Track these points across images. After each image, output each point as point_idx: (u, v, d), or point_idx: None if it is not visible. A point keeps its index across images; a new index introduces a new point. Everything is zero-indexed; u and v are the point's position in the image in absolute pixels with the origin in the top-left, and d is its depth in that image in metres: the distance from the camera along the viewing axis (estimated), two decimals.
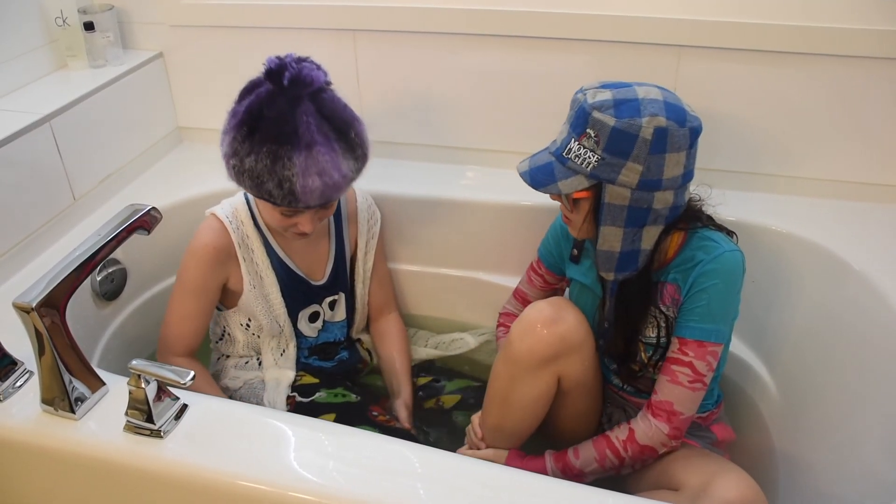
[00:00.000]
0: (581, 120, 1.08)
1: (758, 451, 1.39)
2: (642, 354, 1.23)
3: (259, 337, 1.44)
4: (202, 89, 1.76)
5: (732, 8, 1.39)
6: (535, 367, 1.20)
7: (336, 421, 1.30)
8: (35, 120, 1.37)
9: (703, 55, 1.44)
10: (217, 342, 1.50)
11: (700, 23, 1.40)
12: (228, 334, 1.46)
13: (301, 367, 1.46)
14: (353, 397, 1.38)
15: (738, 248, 1.16)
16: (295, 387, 1.40)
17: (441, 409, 1.50)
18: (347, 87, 1.65)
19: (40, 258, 1.39)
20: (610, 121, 1.05)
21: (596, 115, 1.06)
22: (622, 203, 1.09)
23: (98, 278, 1.45)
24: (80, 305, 1.41)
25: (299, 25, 1.60)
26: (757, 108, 1.47)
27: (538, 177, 1.13)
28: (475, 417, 1.36)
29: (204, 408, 1.04)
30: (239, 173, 1.20)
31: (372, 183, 1.58)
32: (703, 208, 1.22)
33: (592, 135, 1.07)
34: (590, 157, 1.07)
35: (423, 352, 1.61)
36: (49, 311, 0.98)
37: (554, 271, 1.41)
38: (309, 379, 1.42)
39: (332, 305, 1.48)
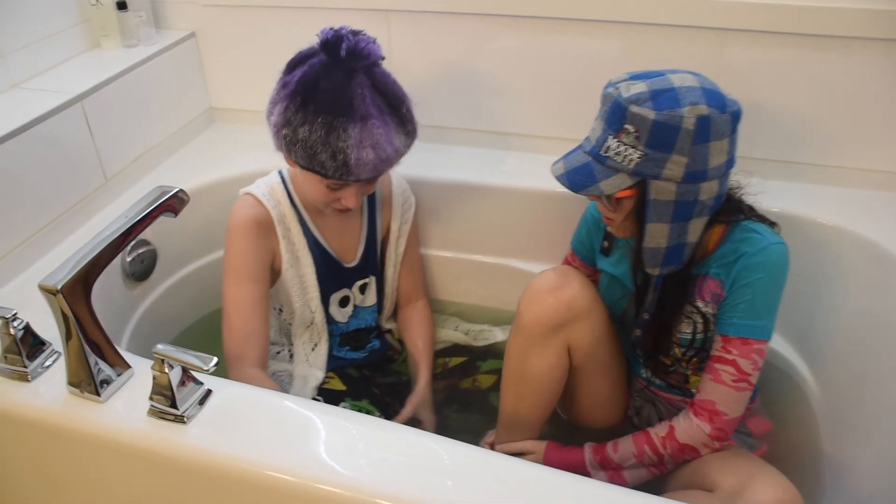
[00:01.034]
0: (618, 115, 1.03)
1: (799, 448, 1.34)
2: (676, 350, 1.19)
3: (291, 325, 1.43)
4: (235, 69, 1.74)
5: None
6: (544, 336, 1.18)
7: None
8: (67, 100, 1.37)
9: (747, 39, 1.38)
10: None
11: (744, 4, 1.34)
12: None
13: (332, 362, 1.44)
14: (375, 413, 1.35)
15: (782, 240, 1.12)
16: (321, 389, 1.38)
17: (478, 389, 1.48)
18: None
19: (71, 238, 1.40)
20: (650, 114, 0.99)
21: (634, 109, 1.00)
22: (668, 198, 1.04)
23: (128, 259, 1.45)
24: (110, 286, 1.41)
25: (332, 5, 1.57)
26: (802, 95, 1.40)
27: (577, 179, 1.07)
28: (489, 436, 1.34)
29: (229, 394, 1.03)
30: (291, 143, 1.18)
31: (405, 166, 1.56)
32: (743, 197, 1.18)
33: (632, 130, 1.01)
34: (631, 154, 1.02)
35: (453, 335, 1.59)
36: (75, 293, 0.97)
37: (588, 263, 1.37)
38: (336, 384, 1.40)
39: (362, 289, 1.46)
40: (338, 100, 1.15)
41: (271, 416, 1.00)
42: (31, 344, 1.09)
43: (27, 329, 1.08)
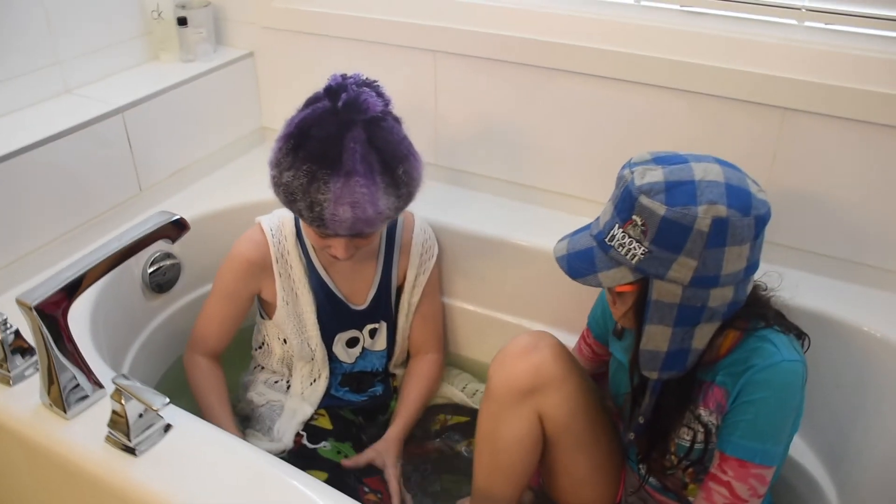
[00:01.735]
0: (627, 204, 0.94)
1: None
2: (672, 456, 1.09)
3: (293, 357, 1.41)
4: (288, 92, 1.74)
5: (848, 72, 1.20)
6: (512, 402, 1.11)
7: (326, 482, 1.23)
8: (107, 110, 1.41)
9: (811, 121, 1.25)
10: (256, 350, 1.49)
11: (810, 84, 1.22)
12: (267, 345, 1.45)
13: (328, 400, 1.41)
14: None
15: (800, 357, 1.00)
16: (308, 425, 1.35)
17: (472, 453, 1.41)
18: (425, 108, 1.60)
19: (95, 244, 1.43)
20: (660, 209, 0.90)
21: (644, 200, 0.92)
22: (672, 301, 0.94)
23: (149, 270, 1.47)
24: (128, 294, 1.44)
25: (383, 41, 1.56)
26: (867, 189, 1.27)
27: (577, 265, 0.99)
28: None
29: (186, 431, 1.01)
30: (276, 185, 1.18)
31: (439, 211, 1.54)
32: (774, 299, 1.06)
33: (639, 223, 0.92)
34: (635, 249, 0.93)
35: (455, 394, 1.52)
36: (51, 311, 0.98)
37: (602, 343, 1.29)
38: (324, 422, 1.37)
39: (372, 333, 1.43)
40: (327, 151, 1.12)
41: (222, 461, 0.97)
42: (20, 350, 1.12)
43: (17, 334, 1.11)
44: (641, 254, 0.93)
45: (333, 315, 1.38)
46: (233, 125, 1.74)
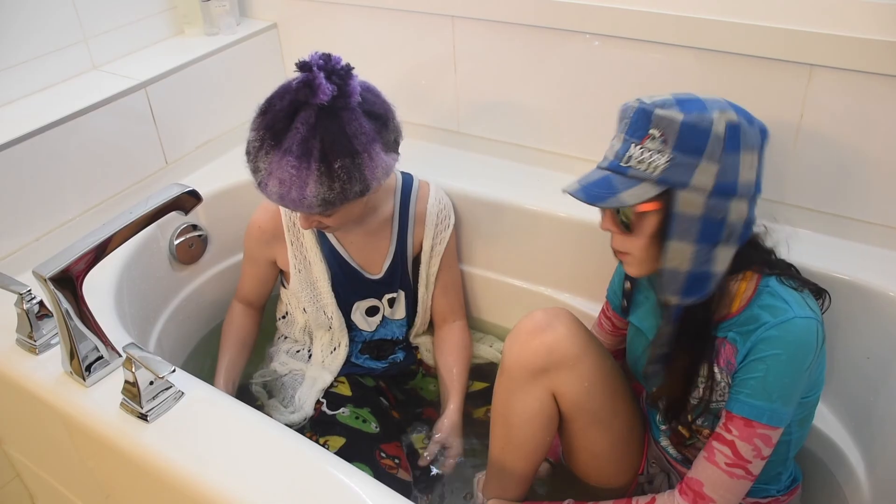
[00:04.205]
0: (641, 122, 0.93)
1: None
2: (689, 415, 1.07)
3: (312, 325, 1.43)
4: None
5: (878, 23, 1.13)
6: (524, 379, 1.10)
7: (343, 448, 1.27)
8: (131, 85, 1.44)
9: (840, 77, 1.19)
10: (280, 319, 1.52)
11: (838, 38, 1.15)
12: (290, 314, 1.47)
13: (348, 368, 1.43)
14: (371, 427, 1.32)
15: (815, 314, 0.96)
16: (327, 392, 1.38)
17: (489, 421, 1.42)
18: (444, 73, 1.57)
19: None
20: (678, 115, 0.91)
21: (660, 112, 0.92)
22: (695, 212, 0.92)
23: (176, 242, 1.50)
24: (155, 265, 1.47)
25: (403, 7, 1.54)
26: None
27: (594, 191, 0.96)
28: (479, 477, 1.27)
29: (197, 399, 1.04)
30: (246, 141, 1.22)
31: (459, 179, 1.53)
32: (783, 253, 1.04)
33: (657, 135, 0.92)
34: (657, 160, 0.92)
35: (489, 352, 1.53)
36: (65, 282, 1.01)
37: (621, 315, 1.26)
38: (343, 389, 1.38)
39: (391, 302, 1.44)
40: (277, 124, 1.15)
41: (231, 427, 1.00)
42: (47, 318, 1.16)
43: (41, 305, 1.15)
44: (665, 162, 0.91)
45: (349, 284, 1.39)
46: (258, 96, 1.74)
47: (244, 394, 1.44)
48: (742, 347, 0.98)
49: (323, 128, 1.13)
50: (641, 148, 0.93)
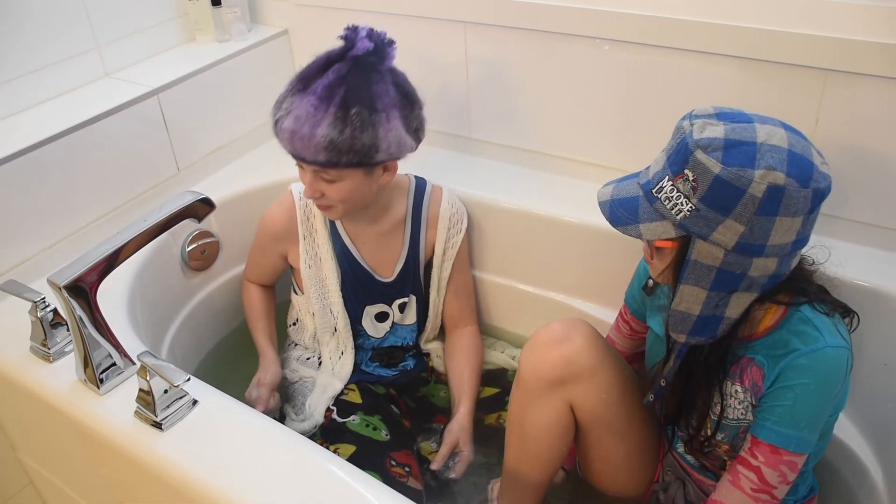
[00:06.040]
0: (681, 156, 0.89)
1: None
2: (707, 429, 1.06)
3: (318, 330, 1.43)
4: None
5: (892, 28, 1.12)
6: (541, 391, 1.09)
7: (353, 455, 1.26)
8: (143, 93, 1.44)
9: (856, 82, 1.18)
10: (290, 326, 1.51)
11: (852, 43, 1.15)
12: (300, 320, 1.47)
13: (358, 375, 1.43)
14: (382, 434, 1.31)
15: (846, 342, 0.94)
16: (338, 399, 1.37)
17: (501, 427, 1.41)
18: (456, 79, 1.57)
19: None
20: (714, 167, 0.85)
21: (699, 155, 0.86)
22: (711, 264, 0.90)
23: (188, 249, 1.50)
24: (167, 272, 1.47)
25: (415, 13, 1.54)
26: None
27: (619, 213, 0.95)
28: (494, 485, 1.26)
29: (211, 407, 1.04)
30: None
31: (471, 184, 1.52)
32: (819, 273, 1.01)
33: (691, 178, 0.87)
34: (682, 205, 0.88)
35: (501, 357, 1.53)
36: (80, 291, 1.01)
37: (639, 318, 1.25)
38: (354, 397, 1.38)
39: (402, 308, 1.43)
40: (309, 73, 1.20)
41: (246, 436, 0.99)
42: (61, 326, 1.16)
43: (55, 313, 1.15)
44: (688, 210, 0.88)
45: (360, 286, 1.39)
46: (269, 103, 1.74)
47: None
48: (770, 372, 0.96)
49: (352, 78, 1.17)
50: (673, 185, 0.90)
